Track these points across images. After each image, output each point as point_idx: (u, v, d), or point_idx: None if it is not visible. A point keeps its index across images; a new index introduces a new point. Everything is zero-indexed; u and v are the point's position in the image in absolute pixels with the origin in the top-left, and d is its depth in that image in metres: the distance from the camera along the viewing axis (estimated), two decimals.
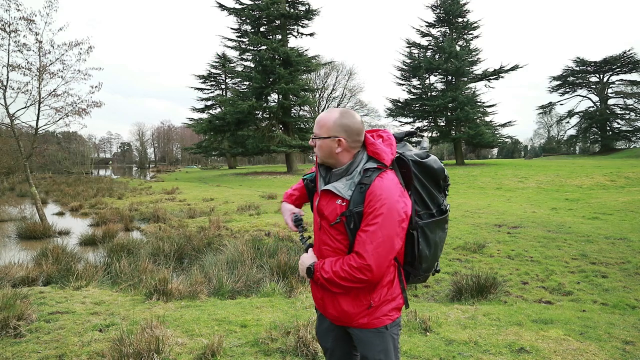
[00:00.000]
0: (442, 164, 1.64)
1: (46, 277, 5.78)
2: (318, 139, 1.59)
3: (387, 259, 1.46)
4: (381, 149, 1.54)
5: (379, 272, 1.46)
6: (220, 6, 30.69)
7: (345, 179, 1.55)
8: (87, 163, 55.27)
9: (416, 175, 1.56)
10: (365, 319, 1.56)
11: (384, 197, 1.43)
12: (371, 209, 1.44)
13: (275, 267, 5.51)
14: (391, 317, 1.58)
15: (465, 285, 4.57)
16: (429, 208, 1.59)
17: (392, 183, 1.48)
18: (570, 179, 17.03)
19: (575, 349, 2.95)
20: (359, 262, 1.45)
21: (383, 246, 1.43)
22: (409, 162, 1.56)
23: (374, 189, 1.45)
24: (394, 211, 1.43)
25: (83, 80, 11.23)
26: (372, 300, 1.54)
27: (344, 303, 1.56)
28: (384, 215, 1.42)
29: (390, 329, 1.58)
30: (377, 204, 1.43)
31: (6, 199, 19.08)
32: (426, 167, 1.58)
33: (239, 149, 30.96)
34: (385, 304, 1.56)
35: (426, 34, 32.74)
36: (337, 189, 1.52)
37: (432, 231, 1.59)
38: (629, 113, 43.38)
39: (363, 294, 1.54)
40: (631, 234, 6.91)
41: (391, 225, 1.43)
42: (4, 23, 10.24)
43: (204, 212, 11.98)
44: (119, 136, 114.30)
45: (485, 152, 71.03)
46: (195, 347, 2.99)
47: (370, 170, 1.50)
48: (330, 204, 1.55)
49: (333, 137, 1.56)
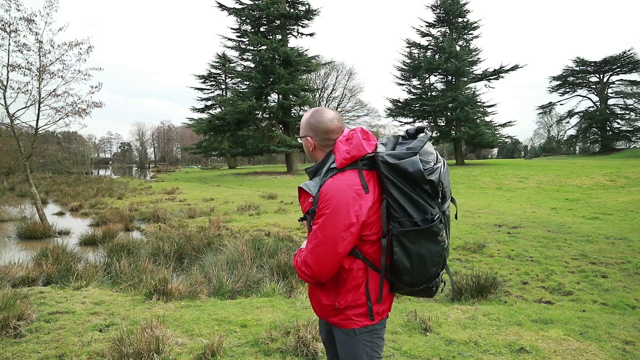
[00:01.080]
0: (423, 166, 1.41)
1: (46, 277, 5.78)
2: (300, 139, 1.67)
3: (327, 260, 1.42)
4: (337, 147, 1.51)
5: (318, 271, 1.44)
6: (220, 6, 30.70)
7: (318, 178, 1.55)
8: (87, 163, 55.30)
9: (387, 178, 1.43)
10: (335, 318, 1.55)
11: (329, 198, 1.40)
12: (318, 209, 1.44)
13: (275, 267, 5.51)
14: (358, 323, 1.51)
15: (465, 285, 4.58)
16: (410, 216, 1.42)
17: (345, 184, 1.42)
18: (570, 179, 17.03)
19: (575, 349, 2.95)
20: (302, 258, 1.49)
21: (322, 247, 1.41)
22: (378, 163, 1.45)
23: (323, 189, 1.43)
24: (338, 214, 1.38)
25: (83, 80, 11.24)
26: (337, 303, 1.51)
27: (320, 296, 1.57)
28: (326, 216, 1.40)
29: (359, 334, 1.51)
30: (322, 204, 1.42)
31: (6, 199, 19.09)
32: (399, 169, 1.41)
33: (239, 149, 30.98)
34: (350, 309, 1.51)
35: (426, 34, 32.75)
36: (307, 187, 1.53)
37: (414, 242, 1.43)
38: (629, 113, 43.38)
39: (330, 294, 1.54)
40: (631, 234, 6.91)
41: (333, 227, 1.39)
42: (4, 23, 10.24)
43: (204, 212, 11.98)
44: (119, 136, 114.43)
45: (485, 152, 71.01)
46: (195, 347, 2.99)
47: (331, 170, 1.50)
48: (305, 201, 1.55)
49: (304, 136, 1.61)
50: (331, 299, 1.54)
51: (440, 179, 1.44)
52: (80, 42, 11.05)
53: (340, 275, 1.49)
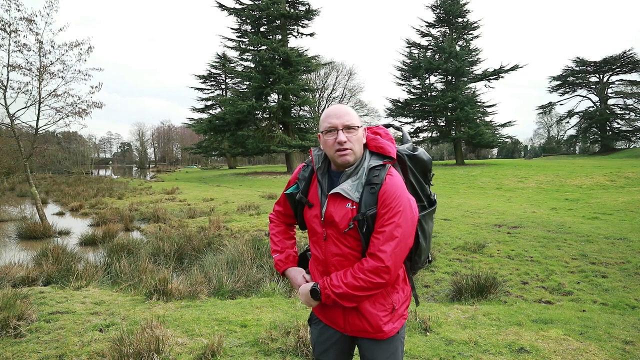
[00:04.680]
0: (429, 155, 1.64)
1: (46, 277, 5.78)
2: (353, 131, 1.46)
3: (402, 258, 1.43)
4: (385, 142, 1.51)
5: (395, 272, 1.41)
6: (221, 6, 30.69)
7: (352, 180, 1.45)
8: (87, 163, 55.35)
9: (410, 169, 1.56)
10: (388, 326, 1.48)
11: (399, 196, 1.40)
12: (386, 209, 1.38)
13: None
14: (405, 316, 1.57)
15: (465, 285, 4.58)
16: (421, 200, 1.57)
17: (400, 180, 1.45)
18: (570, 179, 17.03)
19: (575, 348, 2.95)
20: (375, 265, 1.36)
21: (400, 245, 1.39)
22: (403, 157, 1.54)
23: (388, 188, 1.39)
24: (408, 209, 1.41)
25: (83, 80, 11.25)
26: (395, 303, 1.49)
27: (368, 305, 1.46)
28: (401, 214, 1.39)
29: (401, 333, 1.56)
30: (393, 202, 1.38)
31: (6, 199, 19.10)
32: (418, 160, 1.57)
33: (239, 149, 30.98)
34: (403, 304, 1.54)
35: (426, 34, 32.78)
36: (345, 192, 1.42)
37: (427, 222, 1.57)
38: (628, 113, 43.35)
39: (382, 298, 1.47)
40: (631, 234, 6.91)
41: (407, 223, 1.40)
42: (4, 23, 10.26)
43: (204, 212, 11.98)
44: (119, 136, 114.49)
45: (485, 152, 71.01)
46: (195, 347, 3.00)
47: (377, 169, 1.44)
48: (341, 209, 1.43)
49: (360, 126, 1.50)
50: (386, 301, 1.48)
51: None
52: (81, 43, 11.08)
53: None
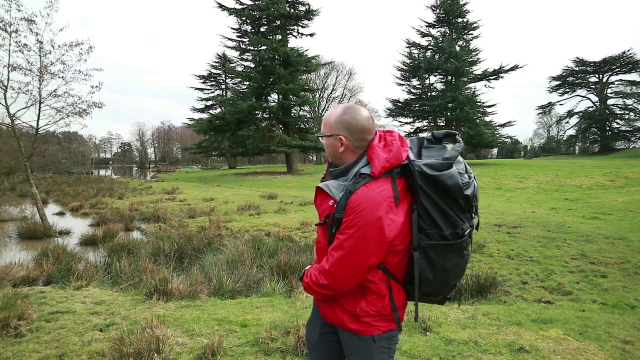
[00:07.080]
0: (461, 180, 1.35)
1: (47, 277, 5.77)
2: (323, 138, 1.49)
3: (352, 272, 1.35)
4: (376, 153, 1.38)
5: (341, 281, 1.37)
6: (221, 6, 30.70)
7: (341, 180, 1.43)
8: (88, 163, 55.35)
9: (423, 190, 1.33)
10: (352, 325, 1.46)
11: (362, 210, 1.29)
12: (347, 218, 1.32)
13: (275, 267, 5.52)
14: (380, 328, 1.45)
15: (465, 285, 4.58)
16: (440, 228, 1.36)
17: (379, 196, 1.31)
18: (570, 179, 17.03)
19: (574, 348, 2.95)
20: (323, 266, 1.40)
21: (348, 259, 1.33)
22: (414, 173, 1.34)
23: (355, 199, 1.31)
24: (370, 227, 1.29)
25: (84, 80, 11.23)
26: (358, 310, 1.44)
27: (340, 299, 1.48)
28: (357, 229, 1.30)
29: (378, 341, 1.45)
30: (353, 215, 1.30)
31: (7, 199, 19.08)
32: (437, 182, 1.32)
33: (239, 149, 30.98)
34: (371, 317, 1.44)
35: (426, 34, 32.76)
36: (329, 188, 1.41)
37: (440, 255, 1.38)
38: (628, 113, 43.33)
39: (352, 299, 1.45)
40: (630, 233, 6.91)
41: (364, 242, 1.30)
42: (4, 23, 10.24)
43: (204, 212, 11.98)
44: (119, 136, 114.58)
45: (485, 152, 70.95)
46: (195, 346, 3.00)
47: (362, 176, 1.36)
48: (324, 203, 1.44)
49: (335, 135, 1.44)
50: (352, 305, 1.45)
51: (474, 194, 1.40)
52: (81, 43, 11.05)
53: (362, 283, 1.42)
